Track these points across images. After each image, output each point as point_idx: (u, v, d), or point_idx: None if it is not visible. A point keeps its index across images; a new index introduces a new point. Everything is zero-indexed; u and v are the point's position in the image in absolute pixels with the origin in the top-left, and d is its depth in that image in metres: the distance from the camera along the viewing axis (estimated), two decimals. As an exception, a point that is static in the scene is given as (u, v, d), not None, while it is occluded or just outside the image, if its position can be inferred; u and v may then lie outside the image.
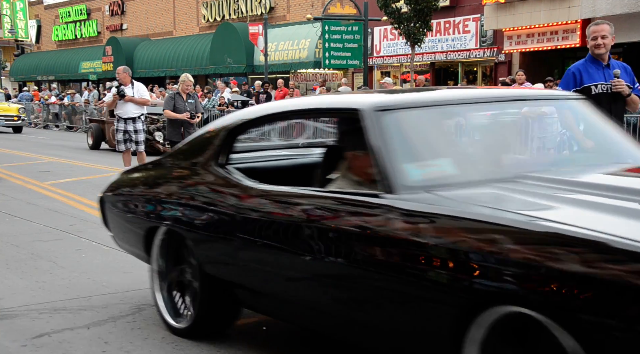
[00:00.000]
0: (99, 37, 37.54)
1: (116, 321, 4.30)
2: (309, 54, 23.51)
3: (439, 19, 19.77)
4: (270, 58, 23.66)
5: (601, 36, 5.54)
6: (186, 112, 10.23)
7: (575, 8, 16.29)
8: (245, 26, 25.23)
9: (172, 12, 32.67)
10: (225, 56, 26.38)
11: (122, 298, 4.79)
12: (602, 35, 5.53)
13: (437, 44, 20.70)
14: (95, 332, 4.10)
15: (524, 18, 17.53)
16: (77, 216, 8.06)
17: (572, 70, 5.66)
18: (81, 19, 38.78)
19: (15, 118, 24.87)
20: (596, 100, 5.53)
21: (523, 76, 14.63)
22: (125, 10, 35.87)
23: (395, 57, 22.21)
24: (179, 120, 10.24)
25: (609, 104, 5.50)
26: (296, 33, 24.44)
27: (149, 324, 4.23)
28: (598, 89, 5.54)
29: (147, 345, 3.89)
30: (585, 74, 5.56)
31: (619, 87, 5.44)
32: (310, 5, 25.45)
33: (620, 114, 5.65)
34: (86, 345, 3.90)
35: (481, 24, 19.37)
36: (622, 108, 5.66)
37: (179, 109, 10.25)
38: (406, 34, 17.15)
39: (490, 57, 19.57)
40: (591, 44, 5.56)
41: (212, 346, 3.85)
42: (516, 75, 15.07)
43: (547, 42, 17.53)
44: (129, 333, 4.09)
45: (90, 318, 4.36)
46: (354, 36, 20.17)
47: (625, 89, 5.46)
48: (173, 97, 10.44)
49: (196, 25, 31.11)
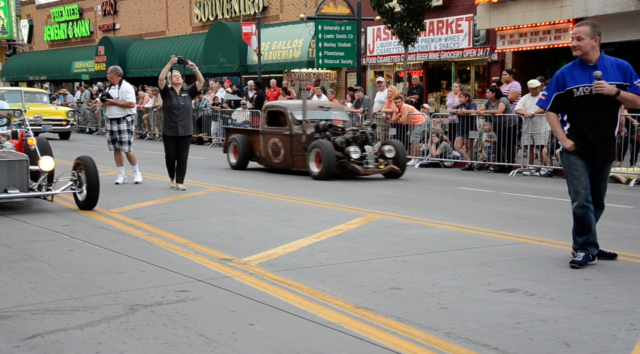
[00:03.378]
0: (92, 37, 37.42)
1: (109, 321, 4.29)
2: (302, 53, 23.50)
3: (432, 19, 19.79)
4: (263, 58, 23.64)
5: (576, 38, 5.49)
6: (179, 106, 10.37)
7: (567, 7, 16.34)
8: (239, 26, 25.20)
9: (165, 12, 32.59)
10: (219, 56, 26.33)
11: (116, 298, 4.78)
12: (577, 37, 5.48)
13: (430, 44, 20.72)
14: (88, 333, 4.09)
15: (517, 17, 17.57)
16: (70, 217, 8.04)
17: (556, 74, 5.67)
18: (73, 19, 38.64)
19: (64, 122, 21.85)
20: (579, 102, 5.53)
21: (508, 76, 14.70)
22: (117, 10, 35.77)
23: (389, 56, 22.22)
24: (174, 115, 10.29)
25: (591, 106, 5.49)
26: (289, 33, 24.42)
27: (143, 324, 4.23)
28: (580, 92, 5.52)
29: (140, 345, 3.88)
30: (569, 76, 5.55)
31: (599, 89, 5.40)
32: (303, 4, 25.43)
33: (607, 116, 5.54)
34: (79, 346, 3.89)
35: (474, 24, 19.40)
36: (610, 109, 5.56)
37: (173, 103, 10.38)
38: (399, 33, 17.16)
39: (483, 56, 19.60)
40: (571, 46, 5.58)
41: (206, 346, 3.85)
42: (502, 75, 15.14)
43: (539, 41, 17.58)
44: (122, 333, 4.08)
45: (83, 318, 4.34)
46: (347, 36, 20.18)
47: (605, 90, 5.38)
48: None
49: (189, 25, 31.05)
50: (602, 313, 4.40)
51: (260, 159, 13.39)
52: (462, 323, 4.20)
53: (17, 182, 8.12)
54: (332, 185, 11.17)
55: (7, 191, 8.02)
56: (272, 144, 12.93)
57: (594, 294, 4.84)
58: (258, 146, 13.32)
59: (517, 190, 10.55)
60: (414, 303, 4.62)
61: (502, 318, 4.30)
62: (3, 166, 8.05)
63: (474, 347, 3.80)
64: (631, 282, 5.15)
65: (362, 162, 11.78)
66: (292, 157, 12.62)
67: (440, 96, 21.25)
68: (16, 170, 8.12)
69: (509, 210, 8.64)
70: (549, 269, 5.49)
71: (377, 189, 10.61)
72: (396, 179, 11.98)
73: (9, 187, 8.06)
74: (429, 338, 3.93)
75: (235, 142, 13.61)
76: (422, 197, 9.76)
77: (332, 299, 4.70)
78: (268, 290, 4.92)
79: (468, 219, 7.86)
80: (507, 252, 6.16)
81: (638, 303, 4.62)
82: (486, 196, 10.02)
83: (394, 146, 12.13)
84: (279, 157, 12.85)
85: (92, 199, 8.33)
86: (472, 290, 4.94)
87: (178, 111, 10.31)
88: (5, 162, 8.07)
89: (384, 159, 12.00)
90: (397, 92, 15.66)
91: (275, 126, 13.03)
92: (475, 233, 7.03)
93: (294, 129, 12.52)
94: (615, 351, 3.77)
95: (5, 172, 8.05)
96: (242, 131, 14.28)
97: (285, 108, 12.86)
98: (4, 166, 8.06)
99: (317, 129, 12.25)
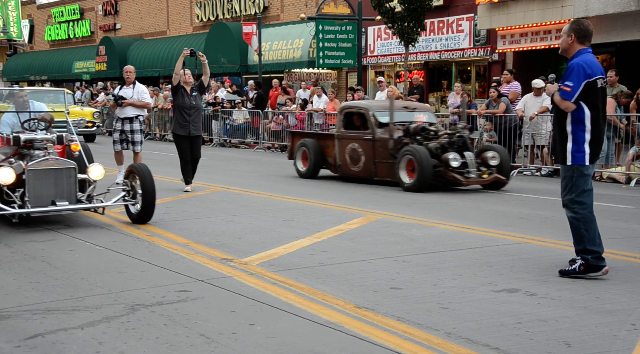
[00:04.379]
0: (92, 37, 37.43)
1: (110, 321, 4.29)
2: (303, 53, 23.49)
3: (432, 19, 19.79)
4: (264, 58, 23.63)
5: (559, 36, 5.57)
6: (191, 106, 10.31)
7: (568, 7, 16.33)
8: (239, 26, 25.20)
9: (166, 12, 32.59)
10: (219, 56, 26.32)
11: (116, 298, 4.79)
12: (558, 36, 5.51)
13: (430, 44, 20.72)
14: (89, 332, 4.09)
15: (517, 17, 17.56)
16: (70, 217, 8.03)
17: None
18: (74, 19, 38.64)
19: (90, 124, 20.93)
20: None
21: (509, 76, 14.69)
22: (118, 10, 35.77)
23: (389, 56, 22.21)
24: (186, 114, 10.26)
25: (555, 107, 5.45)
26: (290, 32, 24.42)
27: (143, 324, 4.23)
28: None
29: (141, 345, 3.88)
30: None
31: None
32: (304, 4, 25.43)
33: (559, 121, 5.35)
34: (80, 346, 3.89)
35: (475, 24, 19.40)
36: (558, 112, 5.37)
37: (185, 103, 10.32)
38: (400, 33, 17.16)
39: (484, 56, 19.60)
40: None
41: (207, 346, 3.85)
42: (503, 75, 15.14)
43: (540, 41, 17.57)
44: (123, 333, 4.08)
45: (84, 318, 4.35)
46: (347, 36, 20.17)
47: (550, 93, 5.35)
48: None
49: (190, 25, 31.05)
50: (603, 313, 4.40)
51: (335, 166, 11.80)
52: (462, 323, 4.20)
53: (64, 192, 7.24)
54: (337, 186, 11.17)
55: (55, 202, 7.13)
56: (350, 149, 11.35)
57: (594, 294, 4.84)
58: (332, 152, 11.78)
59: (518, 190, 10.55)
60: (415, 302, 4.62)
61: (502, 318, 4.30)
62: (49, 174, 7.18)
63: (475, 347, 3.80)
64: (632, 282, 5.14)
65: (463, 171, 10.19)
66: (374, 165, 11.02)
67: (441, 96, 21.25)
68: (64, 179, 7.24)
69: (510, 210, 8.64)
70: (550, 269, 5.49)
71: (376, 189, 10.61)
72: (498, 189, 10.44)
73: (57, 198, 7.18)
74: (429, 338, 3.94)
75: (305, 147, 12.08)
76: (423, 197, 9.76)
77: (333, 299, 4.70)
78: (269, 290, 4.92)
79: (469, 219, 7.86)
80: (508, 252, 6.16)
81: (639, 303, 4.62)
82: (487, 195, 10.02)
83: (498, 152, 10.54)
84: (359, 164, 11.26)
85: (148, 211, 7.44)
86: (473, 290, 4.93)
87: (190, 110, 10.31)
88: (52, 171, 7.19)
89: (487, 167, 10.41)
90: (398, 92, 15.66)
91: (353, 129, 11.50)
92: (475, 233, 7.03)
93: (377, 132, 10.92)
94: (616, 351, 3.77)
95: (52, 182, 7.19)
96: (311, 135, 12.81)
97: (367, 109, 11.25)
98: (51, 174, 7.19)
99: (407, 133, 10.69)
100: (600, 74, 5.26)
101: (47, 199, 7.16)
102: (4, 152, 7.71)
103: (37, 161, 7.20)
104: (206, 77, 10.65)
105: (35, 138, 7.61)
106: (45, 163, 7.19)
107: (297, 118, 17.86)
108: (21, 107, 8.49)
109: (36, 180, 7.12)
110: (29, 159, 7.39)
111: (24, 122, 7.95)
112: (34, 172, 7.12)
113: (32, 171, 7.12)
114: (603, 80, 5.30)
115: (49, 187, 7.17)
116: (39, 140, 7.60)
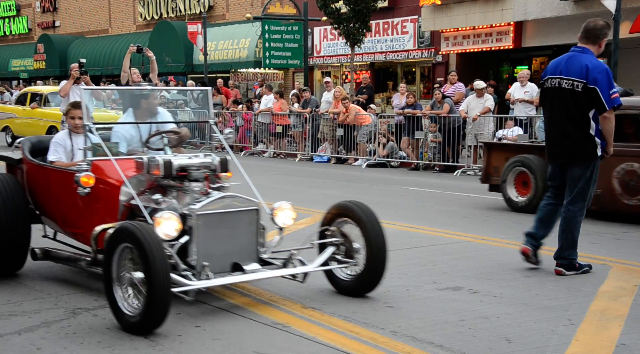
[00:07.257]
0: (30, 34, 36.32)
1: (49, 326, 4.17)
2: (249, 53, 23.38)
3: (377, 20, 19.96)
4: (209, 57, 23.39)
5: None
6: None
7: (507, 11, 16.74)
8: (184, 25, 24.87)
9: (108, 10, 31.90)
10: (164, 55, 25.91)
11: (56, 302, 4.66)
12: None
13: (376, 45, 20.90)
14: (26, 338, 3.97)
15: (460, 20, 17.90)
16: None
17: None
18: (10, 15, 37.42)
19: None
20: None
21: (454, 77, 15.00)
22: (57, 6, 34.81)
23: (336, 57, 22.31)
24: None
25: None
26: (236, 32, 24.26)
27: (85, 328, 4.13)
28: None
29: (82, 350, 3.79)
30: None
31: None
32: (249, 4, 25.30)
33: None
34: (17, 352, 3.77)
35: (419, 25, 19.67)
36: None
37: None
38: (346, 34, 17.25)
39: (428, 57, 19.89)
40: None
41: (151, 349, 3.78)
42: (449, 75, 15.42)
43: (482, 43, 17.95)
44: (63, 337, 3.97)
45: (22, 323, 4.22)
46: (294, 36, 20.17)
47: None
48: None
49: (133, 23, 30.48)
50: (542, 309, 4.53)
51: None
52: (407, 321, 4.25)
53: (243, 248, 4.60)
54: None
55: (240, 266, 4.49)
56: (620, 172, 7.57)
57: (534, 291, 4.97)
58: None
59: (461, 189, 10.75)
60: (361, 302, 4.65)
61: (446, 315, 4.38)
62: (227, 221, 4.54)
63: (419, 345, 3.85)
64: (569, 279, 5.31)
65: None
66: None
67: (387, 97, 21.48)
68: (243, 228, 4.60)
69: (454, 209, 8.79)
70: (492, 267, 5.61)
71: (324, 189, 10.63)
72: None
73: (240, 259, 4.54)
74: (375, 337, 3.97)
75: (524, 168, 8.36)
76: (369, 197, 9.83)
77: (280, 300, 4.69)
78: (214, 292, 4.86)
79: (414, 218, 7.96)
80: (452, 250, 6.27)
81: (574, 299, 4.77)
82: (431, 195, 10.17)
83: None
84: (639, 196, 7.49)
85: (375, 277, 4.68)
86: (418, 289, 5.00)
87: None
88: (230, 216, 4.56)
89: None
90: (344, 93, 15.75)
91: (623, 140, 7.34)
92: (420, 232, 7.13)
93: None
94: (554, 346, 3.88)
95: (231, 233, 4.56)
96: (528, 148, 8.81)
97: None
98: (229, 221, 4.55)
99: None
100: (550, 75, 5.41)
101: (224, 261, 4.51)
102: (135, 183, 4.75)
103: (210, 201, 4.49)
104: (154, 75, 10.38)
105: (192, 164, 4.74)
106: (222, 203, 4.54)
107: (243, 118, 17.77)
108: (147, 115, 5.53)
109: (208, 230, 4.46)
110: (177, 196, 4.68)
111: (149, 136, 5.21)
112: (206, 219, 4.45)
113: (203, 216, 4.43)
114: (554, 80, 5.35)
115: (226, 240, 4.54)
116: (195, 167, 4.73)
